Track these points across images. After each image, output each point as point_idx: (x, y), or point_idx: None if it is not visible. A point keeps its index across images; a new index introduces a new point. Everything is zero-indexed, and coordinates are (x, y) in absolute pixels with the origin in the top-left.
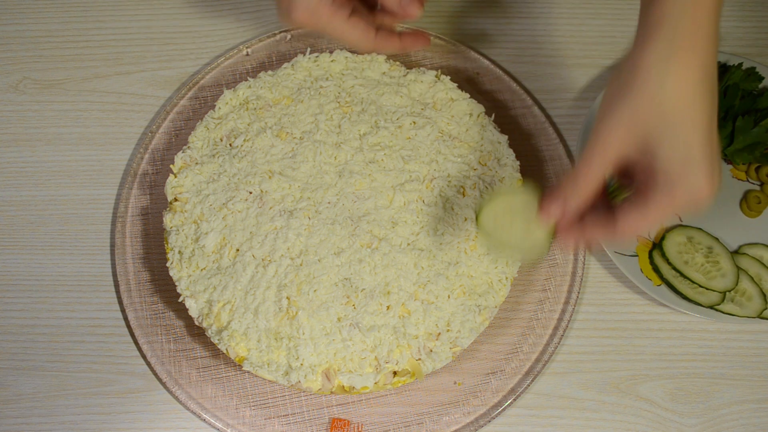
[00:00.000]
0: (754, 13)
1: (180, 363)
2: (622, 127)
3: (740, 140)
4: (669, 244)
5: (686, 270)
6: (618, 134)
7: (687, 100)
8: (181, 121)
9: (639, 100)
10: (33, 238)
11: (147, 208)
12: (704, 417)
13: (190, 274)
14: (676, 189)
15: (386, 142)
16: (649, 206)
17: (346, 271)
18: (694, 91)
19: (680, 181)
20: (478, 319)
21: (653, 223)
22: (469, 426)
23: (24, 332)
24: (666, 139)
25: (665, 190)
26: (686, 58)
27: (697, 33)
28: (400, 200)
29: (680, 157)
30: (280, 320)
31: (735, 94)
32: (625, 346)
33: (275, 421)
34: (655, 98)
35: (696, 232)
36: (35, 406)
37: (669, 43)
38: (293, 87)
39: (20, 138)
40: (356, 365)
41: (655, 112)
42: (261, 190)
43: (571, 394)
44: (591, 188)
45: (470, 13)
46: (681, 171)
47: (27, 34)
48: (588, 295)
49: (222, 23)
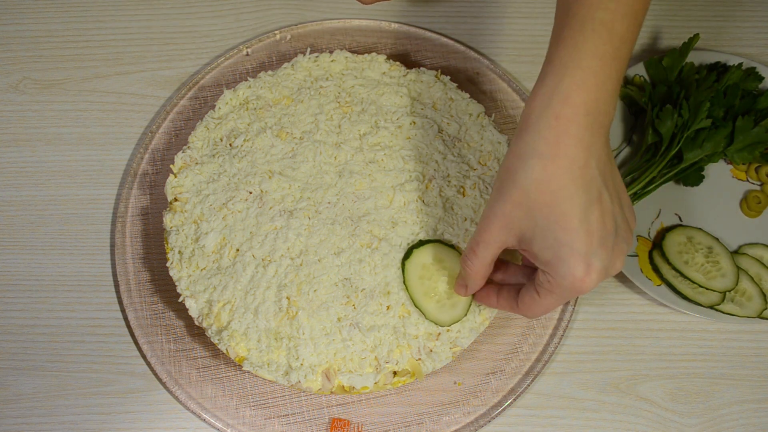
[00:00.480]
0: (754, 13)
1: (180, 363)
2: (500, 226)
3: (740, 140)
4: (669, 244)
5: (686, 270)
6: (496, 233)
7: (550, 200)
8: (181, 121)
9: (509, 204)
10: (33, 238)
11: (147, 208)
12: (704, 417)
13: (190, 274)
14: (554, 279)
15: (386, 142)
16: (539, 294)
17: (346, 271)
18: (556, 189)
19: (556, 272)
20: (478, 319)
21: (545, 308)
22: (469, 426)
23: (24, 332)
24: (537, 237)
25: (546, 280)
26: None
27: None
28: (400, 200)
29: (552, 252)
30: (280, 320)
31: (735, 94)
32: (625, 346)
33: (275, 421)
34: (522, 201)
35: (696, 232)
36: (35, 406)
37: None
38: (293, 87)
39: (20, 138)
40: (356, 365)
41: (524, 215)
42: (261, 190)
43: (571, 394)
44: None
45: (470, 13)
46: (555, 263)
47: (27, 34)
48: (588, 295)
49: (222, 23)
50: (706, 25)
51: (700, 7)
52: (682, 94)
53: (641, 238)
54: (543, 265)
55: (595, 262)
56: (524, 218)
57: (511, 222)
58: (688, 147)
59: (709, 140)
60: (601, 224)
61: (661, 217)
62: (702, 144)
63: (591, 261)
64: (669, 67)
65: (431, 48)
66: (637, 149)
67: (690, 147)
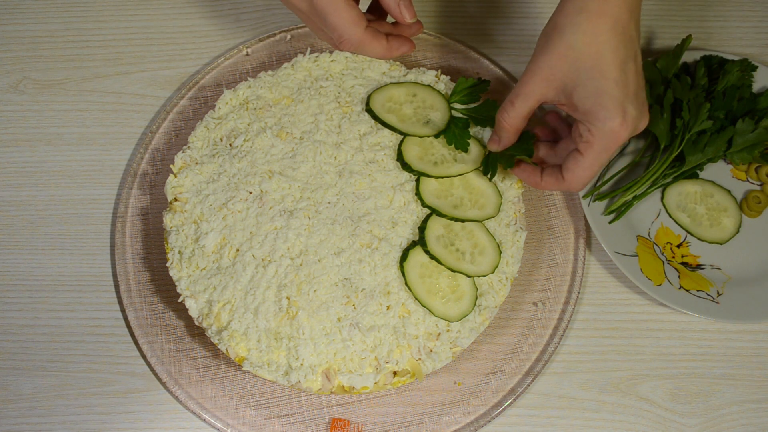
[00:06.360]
0: (754, 13)
1: (180, 363)
2: (543, 78)
3: (740, 143)
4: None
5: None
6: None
7: (596, 51)
8: (181, 121)
9: (554, 56)
10: (33, 238)
11: (147, 208)
12: (704, 417)
13: (190, 274)
14: (594, 126)
15: (386, 142)
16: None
17: (346, 271)
18: (602, 41)
19: (596, 118)
20: (478, 319)
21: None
22: (469, 426)
23: (24, 332)
24: (579, 87)
25: (585, 130)
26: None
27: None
28: (400, 200)
29: (593, 100)
30: (280, 320)
31: (733, 95)
32: (625, 346)
33: (275, 421)
34: (568, 53)
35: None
36: (35, 406)
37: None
38: (293, 87)
39: (20, 138)
40: (356, 365)
41: (568, 67)
42: (261, 190)
43: (571, 394)
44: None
45: (470, 13)
46: (596, 110)
47: (27, 34)
48: (588, 295)
49: (222, 23)
50: (706, 25)
51: (700, 7)
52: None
53: (641, 238)
54: (583, 114)
55: (630, 110)
56: (568, 70)
57: (555, 74)
58: (690, 150)
59: (711, 144)
60: (635, 78)
61: (660, 217)
62: (704, 149)
63: (626, 108)
64: (664, 68)
65: (431, 48)
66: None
67: (692, 150)
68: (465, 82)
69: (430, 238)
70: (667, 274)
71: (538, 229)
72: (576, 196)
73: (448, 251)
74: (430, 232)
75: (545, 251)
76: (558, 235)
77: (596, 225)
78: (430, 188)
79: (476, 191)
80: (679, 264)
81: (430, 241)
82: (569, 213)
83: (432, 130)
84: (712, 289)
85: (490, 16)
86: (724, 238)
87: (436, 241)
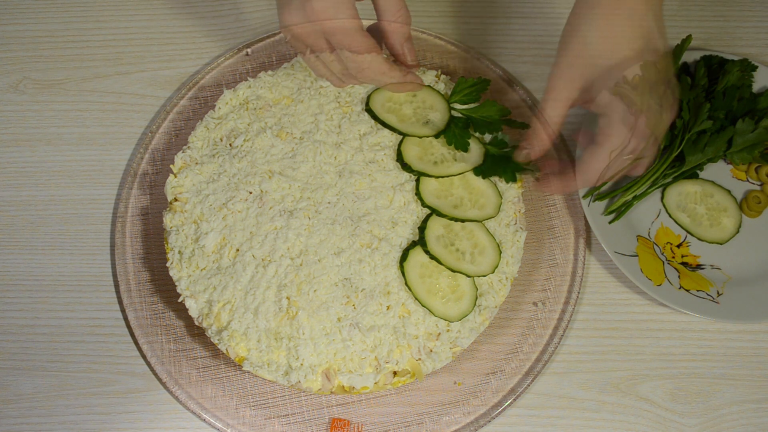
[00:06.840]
0: (754, 13)
1: (180, 363)
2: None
3: (740, 143)
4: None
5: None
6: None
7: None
8: (181, 121)
9: (572, 55)
10: (33, 238)
11: (147, 208)
12: (704, 417)
13: (190, 274)
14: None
15: (386, 142)
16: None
17: (346, 271)
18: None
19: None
20: (478, 319)
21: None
22: (469, 426)
23: (24, 332)
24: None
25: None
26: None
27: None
28: (400, 200)
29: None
30: (280, 320)
31: (733, 95)
32: (625, 346)
33: (275, 421)
34: (584, 51)
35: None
36: (35, 406)
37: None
38: (293, 87)
39: (20, 138)
40: (356, 365)
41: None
42: (261, 190)
43: (571, 394)
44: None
45: (470, 13)
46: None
47: (27, 34)
48: (588, 295)
49: (222, 23)
50: (706, 25)
51: (700, 7)
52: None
53: (641, 238)
54: (603, 108)
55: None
56: (587, 66)
57: (574, 74)
58: (690, 150)
59: (711, 145)
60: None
61: (661, 217)
62: (704, 149)
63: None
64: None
65: (431, 48)
66: None
67: (692, 150)
68: (465, 82)
69: (430, 238)
70: (667, 274)
71: (538, 229)
72: (576, 196)
73: (448, 251)
74: (430, 232)
75: (545, 251)
76: (558, 235)
77: (596, 225)
78: (430, 188)
79: (476, 191)
80: (679, 264)
81: (430, 241)
82: (569, 213)
83: (432, 131)
84: (712, 289)
85: (491, 17)
86: (724, 238)
87: (436, 241)
